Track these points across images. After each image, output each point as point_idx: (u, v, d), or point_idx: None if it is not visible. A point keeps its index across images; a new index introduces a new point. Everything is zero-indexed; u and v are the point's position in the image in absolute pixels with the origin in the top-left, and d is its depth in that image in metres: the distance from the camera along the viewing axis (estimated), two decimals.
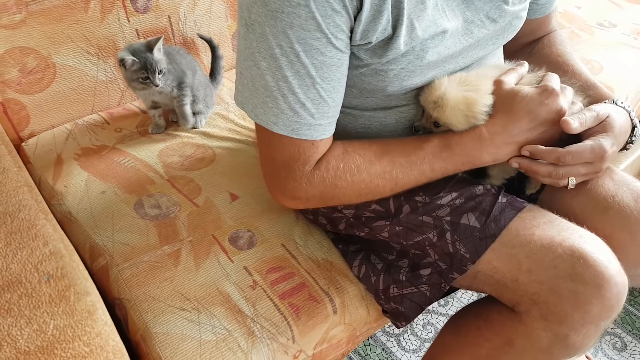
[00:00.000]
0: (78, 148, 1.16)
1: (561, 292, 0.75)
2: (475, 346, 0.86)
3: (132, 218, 1.01)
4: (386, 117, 0.87)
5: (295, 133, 0.75)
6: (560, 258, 0.76)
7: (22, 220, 0.68)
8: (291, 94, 0.72)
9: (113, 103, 1.29)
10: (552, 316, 0.76)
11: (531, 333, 0.79)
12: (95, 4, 1.15)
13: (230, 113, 1.28)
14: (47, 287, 0.63)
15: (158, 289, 0.89)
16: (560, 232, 0.79)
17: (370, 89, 0.82)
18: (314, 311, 0.89)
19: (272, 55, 0.70)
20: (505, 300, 0.82)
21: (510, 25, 0.88)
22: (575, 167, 0.81)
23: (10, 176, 0.75)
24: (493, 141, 0.81)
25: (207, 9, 1.32)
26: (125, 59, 1.06)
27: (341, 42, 0.71)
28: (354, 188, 0.81)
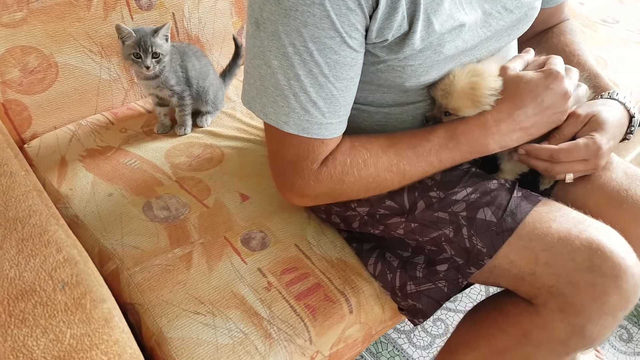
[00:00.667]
0: (82, 149, 1.14)
1: (579, 284, 0.74)
2: (492, 338, 0.86)
3: (141, 221, 0.99)
4: (402, 113, 0.85)
5: (306, 132, 0.74)
6: (578, 250, 0.75)
7: (34, 227, 0.66)
8: (303, 92, 0.71)
9: (117, 103, 1.27)
10: (570, 308, 0.75)
11: (548, 325, 0.78)
12: (98, 1, 1.13)
13: (237, 112, 1.25)
14: (63, 295, 0.61)
15: (171, 292, 0.87)
16: (577, 224, 0.78)
17: (387, 85, 0.80)
18: (330, 311, 0.88)
19: (284, 54, 0.69)
20: (522, 293, 0.82)
21: (525, 16, 0.87)
22: (571, 164, 0.82)
23: (18, 180, 0.72)
24: (499, 128, 0.80)
25: (212, 6, 1.29)
26: (122, 28, 1.04)
27: (355, 41, 0.70)
28: (362, 182, 0.80)
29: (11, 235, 0.64)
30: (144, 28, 1.07)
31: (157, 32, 1.05)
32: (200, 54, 1.20)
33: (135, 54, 1.06)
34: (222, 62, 1.40)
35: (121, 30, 1.04)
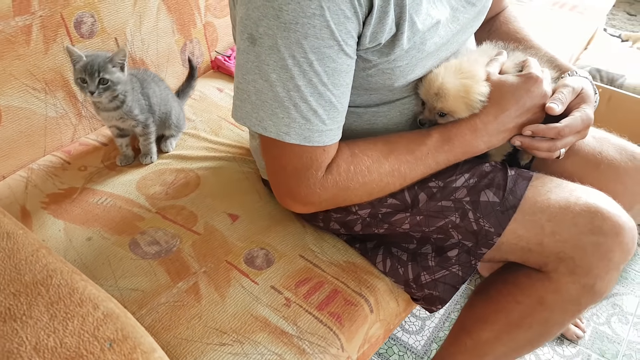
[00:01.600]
0: (43, 195, 1.05)
1: (585, 246, 0.80)
2: (508, 311, 0.90)
3: (131, 260, 0.93)
4: (390, 110, 0.87)
5: (308, 141, 0.74)
6: (579, 215, 0.81)
7: (59, 287, 0.60)
8: (303, 102, 0.71)
9: (66, 140, 1.18)
10: (579, 269, 0.81)
11: (561, 288, 0.84)
12: (38, 34, 1.04)
13: (200, 131, 1.21)
14: (112, 354, 0.56)
15: (188, 329, 0.83)
16: (572, 192, 0.84)
17: (376, 88, 0.82)
18: (354, 315, 0.87)
19: (284, 67, 0.69)
20: (531, 263, 0.87)
21: (483, 8, 0.91)
22: (569, 138, 0.86)
23: (20, 241, 0.65)
24: (487, 130, 0.84)
25: (154, 26, 1.24)
26: (70, 50, 0.96)
27: (350, 48, 0.72)
28: (366, 188, 0.82)
29: (37, 301, 0.58)
30: (98, 53, 1.00)
31: (111, 59, 0.99)
32: (157, 79, 1.14)
33: (82, 79, 0.98)
34: (170, 82, 1.34)
35: (71, 53, 0.97)
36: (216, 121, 1.24)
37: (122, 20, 1.17)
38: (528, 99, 0.83)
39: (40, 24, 1.04)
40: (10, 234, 0.66)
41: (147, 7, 1.20)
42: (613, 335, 1.39)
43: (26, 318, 0.57)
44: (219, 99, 1.32)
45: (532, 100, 0.83)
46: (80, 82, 0.98)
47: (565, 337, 1.38)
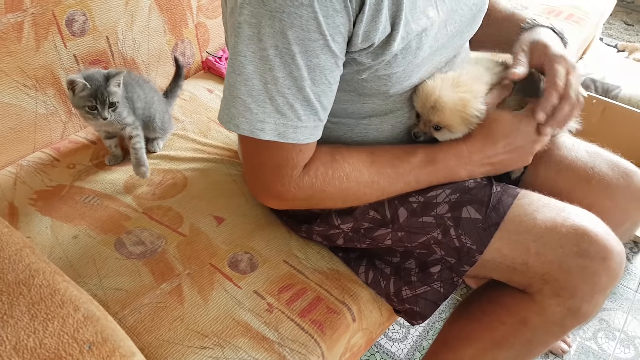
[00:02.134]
0: (31, 192, 1.05)
1: (570, 268, 0.80)
2: (492, 330, 0.90)
3: (116, 260, 0.93)
4: (382, 123, 0.87)
5: (282, 137, 0.73)
6: (565, 237, 0.80)
7: (41, 287, 0.60)
8: (280, 95, 0.70)
9: (56, 137, 1.18)
10: (564, 292, 0.81)
11: (545, 310, 0.83)
12: (29, 31, 1.04)
13: (189, 132, 1.21)
14: (91, 357, 0.56)
15: (170, 331, 0.83)
16: (559, 212, 0.83)
17: (371, 94, 0.81)
18: (336, 323, 0.88)
19: (264, 57, 0.67)
20: (515, 283, 0.86)
21: (479, 11, 0.90)
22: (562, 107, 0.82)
23: (4, 239, 0.65)
24: (471, 160, 0.85)
25: (145, 25, 1.24)
26: (75, 81, 0.96)
27: (337, 46, 0.70)
28: (342, 195, 0.82)
29: (18, 300, 0.58)
30: (94, 74, 1.00)
31: (110, 80, 0.99)
32: (142, 81, 1.14)
33: (91, 107, 0.99)
34: (160, 81, 1.35)
35: (75, 83, 0.97)
36: (205, 122, 1.24)
37: (113, 19, 1.17)
38: (518, 138, 0.84)
39: (32, 21, 1.04)
40: None
41: (138, 7, 1.20)
42: (599, 351, 1.39)
43: (7, 317, 0.57)
44: (208, 100, 1.32)
45: (522, 140, 0.84)
46: (89, 109, 0.99)
47: (550, 351, 1.39)
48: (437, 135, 0.85)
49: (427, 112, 0.83)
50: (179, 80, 1.28)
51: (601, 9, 1.89)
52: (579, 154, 0.96)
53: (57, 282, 0.61)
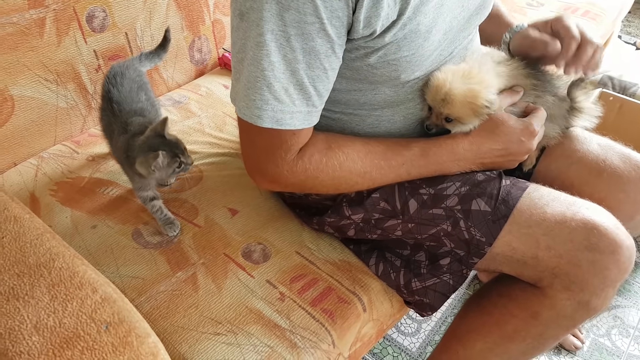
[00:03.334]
0: (52, 183, 1.08)
1: (580, 262, 0.80)
2: (502, 324, 0.90)
3: (133, 249, 0.96)
4: (394, 115, 0.88)
5: (279, 124, 0.75)
6: (575, 231, 0.81)
7: (61, 270, 0.63)
8: (276, 81, 0.71)
9: (76, 131, 1.21)
10: (574, 286, 0.81)
11: (556, 304, 0.84)
12: (51, 27, 1.07)
13: (205, 126, 1.24)
14: (108, 336, 0.59)
15: (185, 317, 0.85)
16: (569, 207, 0.84)
17: (382, 81, 0.82)
18: (347, 312, 0.90)
19: (262, 42, 0.69)
20: (526, 277, 0.87)
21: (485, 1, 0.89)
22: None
23: (25, 224, 0.68)
24: (465, 157, 0.86)
25: (163, 22, 1.27)
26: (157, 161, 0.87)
27: (334, 30, 0.70)
28: (334, 182, 0.84)
29: (39, 282, 0.61)
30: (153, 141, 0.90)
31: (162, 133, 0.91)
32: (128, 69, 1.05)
33: (179, 164, 0.92)
34: (177, 77, 1.37)
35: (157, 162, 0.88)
36: (221, 117, 1.26)
37: (132, 15, 1.20)
38: (517, 146, 0.86)
39: (53, 17, 1.07)
40: (17, 218, 0.69)
41: (157, 3, 1.23)
42: (613, 348, 1.38)
43: (28, 298, 0.60)
44: (224, 95, 1.34)
45: (518, 148, 0.86)
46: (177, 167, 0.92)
47: (563, 347, 1.38)
48: (449, 127, 0.86)
49: (438, 105, 0.84)
50: (161, 52, 1.18)
51: (619, 5, 1.87)
52: (590, 146, 0.97)
53: (76, 265, 0.64)
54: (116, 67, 1.04)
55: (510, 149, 0.86)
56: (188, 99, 1.32)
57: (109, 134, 1.01)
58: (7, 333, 0.57)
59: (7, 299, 0.59)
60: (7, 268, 0.63)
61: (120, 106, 0.98)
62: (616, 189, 0.94)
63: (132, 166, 0.90)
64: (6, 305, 0.59)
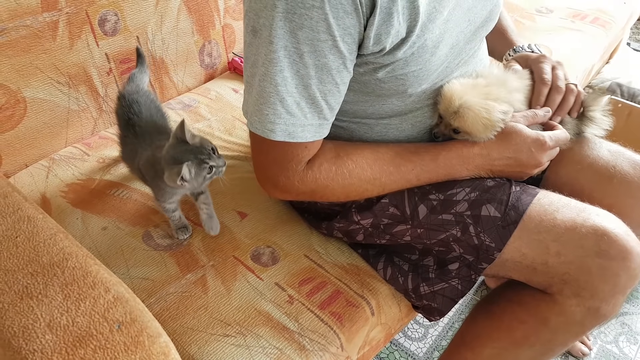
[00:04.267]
0: (63, 185, 1.09)
1: (590, 269, 0.80)
2: (512, 330, 0.90)
3: (144, 251, 0.96)
4: (402, 123, 0.88)
5: (292, 137, 0.76)
6: (586, 238, 0.81)
7: (74, 269, 0.63)
8: (289, 95, 0.73)
9: (87, 133, 1.22)
10: (584, 292, 0.81)
11: (565, 310, 0.84)
12: (63, 30, 1.08)
13: (215, 130, 1.25)
14: (120, 336, 0.59)
15: (194, 319, 0.86)
16: (579, 213, 0.84)
17: (389, 94, 0.83)
18: (355, 316, 0.90)
19: (275, 59, 0.70)
20: (535, 283, 0.87)
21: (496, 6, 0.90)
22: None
23: (38, 224, 0.69)
24: (474, 161, 0.86)
25: (174, 26, 1.28)
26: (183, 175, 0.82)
27: (346, 46, 0.71)
28: (344, 190, 0.85)
29: (52, 281, 0.62)
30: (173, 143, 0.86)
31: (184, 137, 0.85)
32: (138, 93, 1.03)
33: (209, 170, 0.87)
34: (187, 81, 1.38)
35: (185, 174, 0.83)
36: (230, 121, 1.27)
37: (144, 19, 1.21)
38: (526, 156, 0.85)
39: (66, 21, 1.08)
40: (30, 218, 0.70)
41: (168, 7, 1.24)
42: (620, 355, 1.38)
43: (42, 297, 0.60)
44: (234, 99, 1.35)
45: (528, 159, 0.86)
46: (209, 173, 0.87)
47: (570, 353, 1.37)
48: (456, 137, 0.86)
49: (449, 116, 0.84)
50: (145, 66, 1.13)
51: (628, 13, 1.88)
52: (600, 152, 0.97)
53: (89, 265, 0.64)
54: (130, 94, 1.01)
55: (520, 158, 0.85)
56: (198, 102, 1.33)
57: (131, 157, 0.98)
58: (20, 331, 0.57)
59: (21, 297, 0.60)
60: (20, 267, 0.63)
61: (142, 129, 0.97)
62: (626, 195, 0.94)
63: (162, 179, 0.86)
64: (20, 304, 0.60)
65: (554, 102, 0.91)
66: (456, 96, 0.82)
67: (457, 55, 0.85)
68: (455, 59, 0.85)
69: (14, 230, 0.68)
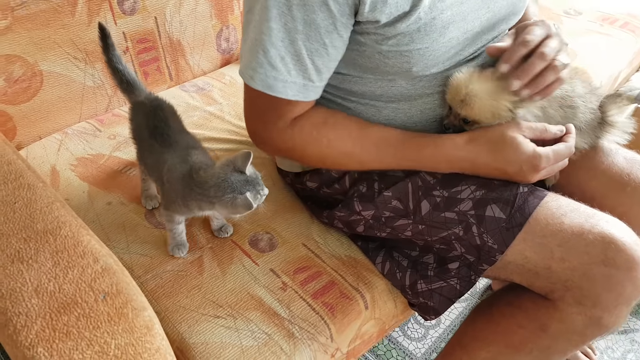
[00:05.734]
0: (73, 158, 1.11)
1: (594, 277, 0.78)
2: (509, 334, 0.89)
3: (145, 228, 0.97)
4: (411, 108, 0.87)
5: (270, 89, 0.77)
6: (592, 244, 0.78)
7: (66, 238, 0.64)
8: (272, 47, 0.73)
9: (101, 110, 1.24)
10: (586, 300, 0.79)
11: (566, 318, 0.82)
12: (82, 6, 1.10)
13: (226, 114, 1.25)
14: (104, 306, 0.60)
15: (187, 298, 0.87)
16: (588, 219, 0.81)
17: (394, 72, 0.81)
18: (348, 308, 0.89)
19: (265, 7, 0.71)
20: (536, 288, 0.85)
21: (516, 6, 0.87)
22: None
23: (38, 192, 0.70)
24: (460, 164, 0.85)
25: (193, 9, 1.28)
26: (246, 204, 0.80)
27: (337, 6, 0.70)
28: (320, 157, 0.86)
29: (44, 247, 0.63)
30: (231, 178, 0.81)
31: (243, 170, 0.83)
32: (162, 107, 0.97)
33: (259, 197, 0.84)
34: (203, 65, 1.39)
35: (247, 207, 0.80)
36: (241, 106, 1.26)
37: (163, 0, 1.22)
38: (514, 172, 0.82)
39: None
40: (31, 186, 0.71)
41: None
42: None
43: (32, 262, 0.62)
44: None
45: (515, 176, 0.83)
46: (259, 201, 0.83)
47: None
48: (467, 128, 0.85)
49: (456, 105, 0.83)
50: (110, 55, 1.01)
51: None
52: (615, 159, 0.94)
53: (81, 235, 0.65)
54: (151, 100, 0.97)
55: (507, 170, 0.83)
56: (211, 86, 1.34)
57: (156, 169, 0.92)
58: (8, 294, 0.59)
59: (12, 261, 0.61)
60: (15, 232, 0.65)
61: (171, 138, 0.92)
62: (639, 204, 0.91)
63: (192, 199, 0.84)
64: (10, 267, 0.61)
65: (530, 67, 0.76)
66: (462, 84, 0.81)
67: (473, 43, 0.83)
68: (470, 46, 0.83)
69: (14, 196, 0.69)
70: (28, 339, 0.56)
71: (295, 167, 1.01)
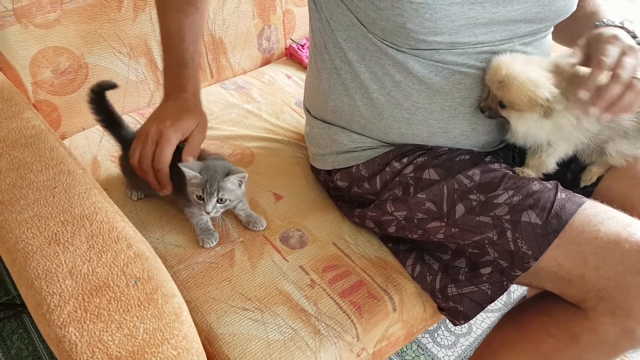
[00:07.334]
0: (113, 150, 1.14)
1: (629, 287, 0.75)
2: (539, 342, 0.86)
3: (180, 220, 0.99)
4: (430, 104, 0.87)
5: None
6: (628, 254, 0.76)
7: (101, 223, 0.66)
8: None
9: (143, 104, 1.27)
10: (620, 311, 0.76)
11: (598, 328, 0.79)
12: (129, 2, 1.13)
13: (263, 112, 1.26)
14: (135, 291, 0.61)
15: (217, 289, 0.88)
16: (625, 227, 0.78)
17: (390, 29, 0.81)
18: (375, 309, 0.89)
19: None
20: (569, 297, 0.82)
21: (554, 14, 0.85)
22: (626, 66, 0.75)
23: (77, 179, 0.73)
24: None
25: (236, 7, 1.30)
26: (185, 171, 0.87)
27: None
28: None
29: (80, 231, 0.65)
30: (216, 164, 0.89)
31: (228, 175, 0.89)
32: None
33: (198, 196, 0.89)
34: (243, 63, 1.41)
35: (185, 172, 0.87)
36: (279, 105, 1.29)
37: None
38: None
39: None
40: (70, 172, 0.74)
41: None
42: None
43: (68, 245, 0.64)
44: (286, 84, 1.37)
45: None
46: (197, 198, 0.89)
47: None
48: (503, 112, 0.84)
49: (494, 87, 0.82)
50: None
51: None
52: None
53: (116, 221, 0.67)
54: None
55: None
56: (251, 84, 1.35)
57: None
58: (44, 274, 0.61)
59: (49, 243, 0.64)
60: (53, 215, 0.67)
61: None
62: None
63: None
64: (47, 249, 0.63)
65: (606, 92, 0.74)
66: (503, 65, 0.80)
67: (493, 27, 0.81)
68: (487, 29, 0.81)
69: (54, 181, 0.72)
70: (60, 318, 0.58)
71: (327, 164, 1.01)
